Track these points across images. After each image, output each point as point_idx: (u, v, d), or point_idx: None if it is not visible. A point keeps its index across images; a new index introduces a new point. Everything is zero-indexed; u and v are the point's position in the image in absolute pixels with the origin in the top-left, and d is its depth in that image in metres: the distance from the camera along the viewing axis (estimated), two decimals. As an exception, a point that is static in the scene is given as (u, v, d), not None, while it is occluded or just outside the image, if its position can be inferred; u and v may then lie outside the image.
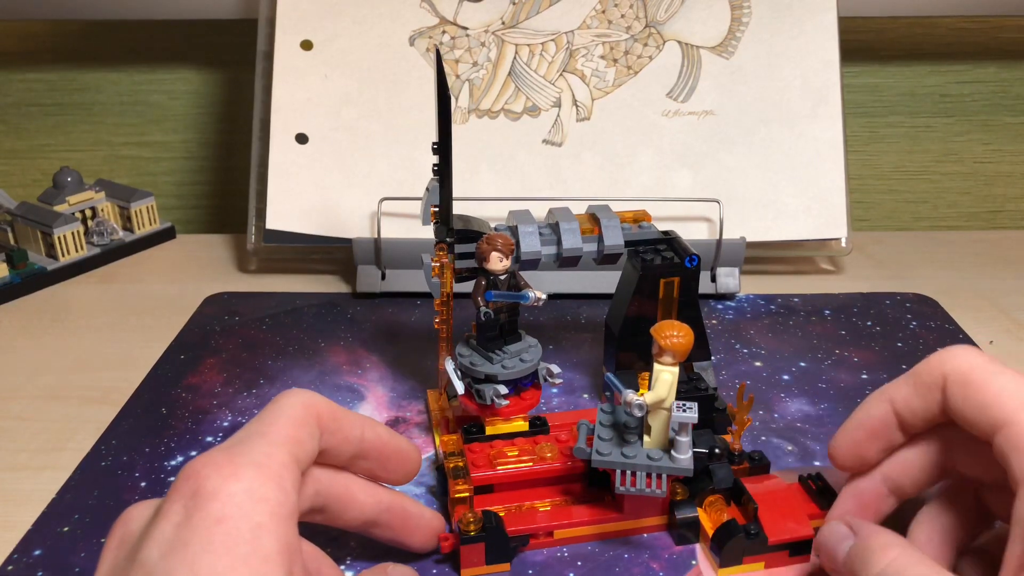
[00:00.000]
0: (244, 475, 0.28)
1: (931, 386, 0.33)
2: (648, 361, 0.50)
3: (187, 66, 0.87)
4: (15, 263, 0.70)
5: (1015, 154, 0.89)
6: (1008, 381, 0.31)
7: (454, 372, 0.45)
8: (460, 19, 0.70)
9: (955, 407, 0.32)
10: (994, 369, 0.32)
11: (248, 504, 0.27)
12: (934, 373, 0.33)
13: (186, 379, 0.56)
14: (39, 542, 0.42)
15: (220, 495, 0.27)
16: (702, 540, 0.41)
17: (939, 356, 0.33)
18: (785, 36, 0.70)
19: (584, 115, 0.70)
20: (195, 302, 0.67)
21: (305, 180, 0.69)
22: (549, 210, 0.49)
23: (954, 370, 0.32)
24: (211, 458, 0.29)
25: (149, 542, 0.27)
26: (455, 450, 0.43)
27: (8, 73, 0.87)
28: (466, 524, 0.39)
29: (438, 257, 0.46)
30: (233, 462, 0.28)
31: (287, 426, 0.31)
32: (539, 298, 0.43)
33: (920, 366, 0.34)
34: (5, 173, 0.91)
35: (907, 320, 0.63)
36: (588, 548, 0.41)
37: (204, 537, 0.26)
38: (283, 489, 0.29)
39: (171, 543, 0.27)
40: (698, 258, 0.48)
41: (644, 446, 0.40)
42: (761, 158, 0.69)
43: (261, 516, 0.27)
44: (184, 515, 0.27)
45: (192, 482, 0.28)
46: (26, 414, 0.54)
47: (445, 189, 0.45)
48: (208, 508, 0.27)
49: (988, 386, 0.31)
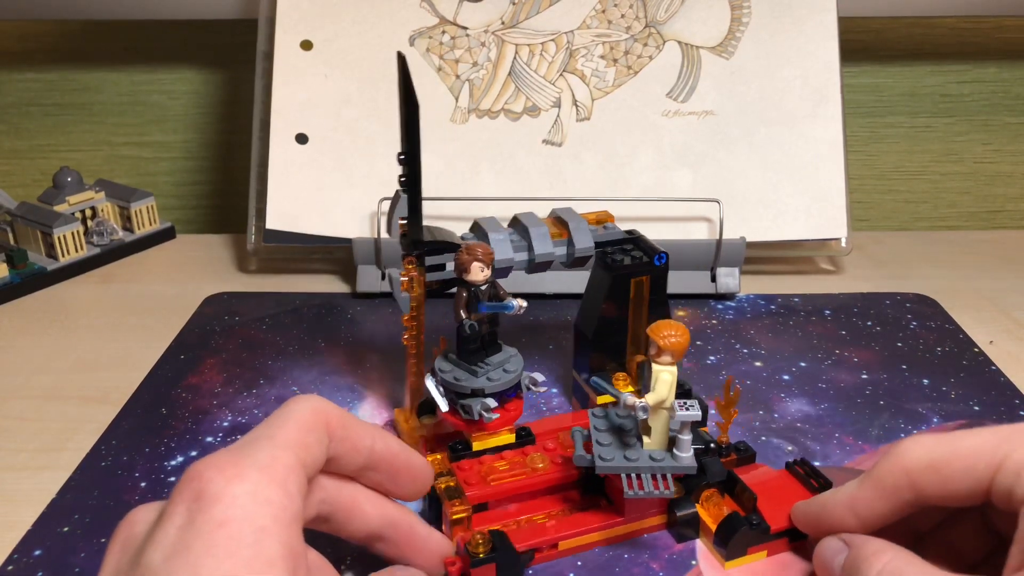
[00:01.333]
0: (248, 477, 0.28)
1: (897, 488, 0.33)
2: (621, 362, 0.50)
3: (187, 66, 0.87)
4: (15, 263, 0.70)
5: (1015, 154, 0.89)
6: (971, 438, 0.31)
7: (436, 389, 0.44)
8: (460, 19, 0.70)
9: (937, 489, 0.32)
10: (949, 437, 0.32)
11: (252, 507, 0.27)
12: (896, 473, 0.33)
13: (186, 379, 0.56)
14: (39, 542, 0.42)
15: (223, 498, 0.27)
16: (703, 535, 0.41)
17: (895, 458, 0.33)
18: (785, 36, 0.70)
19: (584, 115, 0.70)
20: (195, 302, 0.67)
21: (305, 180, 0.69)
22: (514, 216, 0.49)
23: (916, 464, 0.32)
24: (215, 460, 0.28)
25: (152, 545, 0.27)
26: (443, 470, 0.42)
27: (8, 73, 0.87)
28: (475, 546, 0.38)
29: (407, 271, 0.45)
30: (237, 464, 0.28)
31: (295, 430, 0.31)
32: (521, 306, 0.42)
33: (878, 469, 0.34)
34: (5, 173, 0.91)
35: (907, 320, 0.63)
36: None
37: (207, 540, 0.26)
38: (287, 493, 0.28)
39: (174, 546, 0.26)
40: (666, 256, 0.48)
41: (644, 447, 0.40)
42: (761, 158, 0.69)
43: (264, 520, 0.27)
44: (187, 517, 0.27)
45: (195, 484, 0.27)
46: (26, 414, 0.54)
47: (414, 200, 0.43)
48: (211, 511, 0.27)
49: (957, 454, 0.31)
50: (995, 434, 0.31)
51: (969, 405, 0.53)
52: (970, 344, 0.60)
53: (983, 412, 0.52)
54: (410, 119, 0.42)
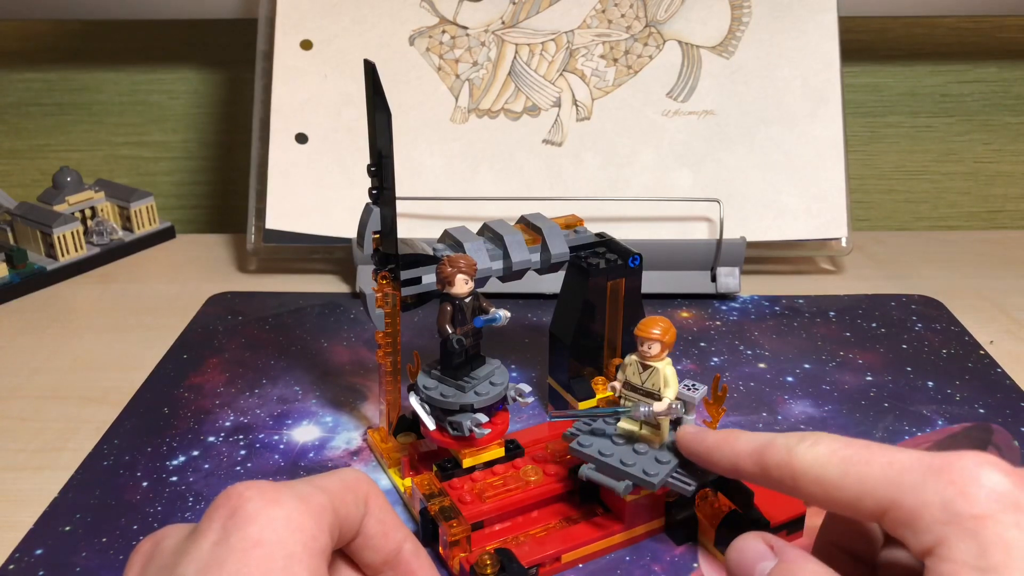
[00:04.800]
0: (284, 504, 0.28)
1: (781, 481, 0.31)
2: (598, 366, 0.50)
3: (187, 66, 0.87)
4: (15, 263, 0.69)
5: (1015, 154, 0.89)
6: (863, 467, 0.28)
7: (421, 407, 0.42)
8: (460, 19, 0.70)
9: (820, 504, 0.30)
10: (844, 456, 0.29)
11: (285, 532, 0.27)
12: (783, 471, 0.31)
13: (189, 379, 0.56)
14: (40, 541, 0.42)
15: (260, 518, 0.27)
16: (702, 536, 0.41)
17: (787, 457, 0.30)
18: (785, 36, 0.70)
19: (584, 115, 0.70)
20: (194, 302, 0.66)
21: (305, 180, 0.69)
22: (484, 224, 0.48)
23: (804, 476, 0.30)
24: (255, 482, 0.29)
25: (186, 558, 0.27)
26: (434, 491, 0.41)
27: (8, 73, 0.87)
28: (482, 567, 0.37)
29: (380, 286, 0.43)
30: (276, 489, 0.28)
31: (337, 484, 0.31)
32: (506, 316, 0.41)
33: (768, 456, 0.31)
34: (5, 173, 0.91)
35: (912, 322, 0.63)
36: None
37: (240, 558, 0.26)
38: (319, 526, 0.29)
39: (207, 562, 0.27)
40: (640, 257, 0.48)
41: (653, 447, 0.39)
42: (761, 158, 0.69)
43: (296, 546, 0.27)
44: (222, 534, 0.27)
45: (233, 502, 0.28)
46: (26, 414, 0.53)
47: (388, 212, 0.42)
48: (246, 530, 0.27)
49: (846, 480, 0.29)
50: (887, 468, 0.28)
51: (974, 407, 0.52)
52: (975, 346, 0.59)
53: (988, 415, 0.52)
54: (381, 128, 0.40)
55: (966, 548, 0.25)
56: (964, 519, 0.25)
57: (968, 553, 0.25)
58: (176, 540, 0.29)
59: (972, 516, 0.25)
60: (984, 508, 0.25)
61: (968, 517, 0.25)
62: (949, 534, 0.25)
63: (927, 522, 0.26)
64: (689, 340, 0.60)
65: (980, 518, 0.25)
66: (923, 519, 0.26)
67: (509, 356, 0.58)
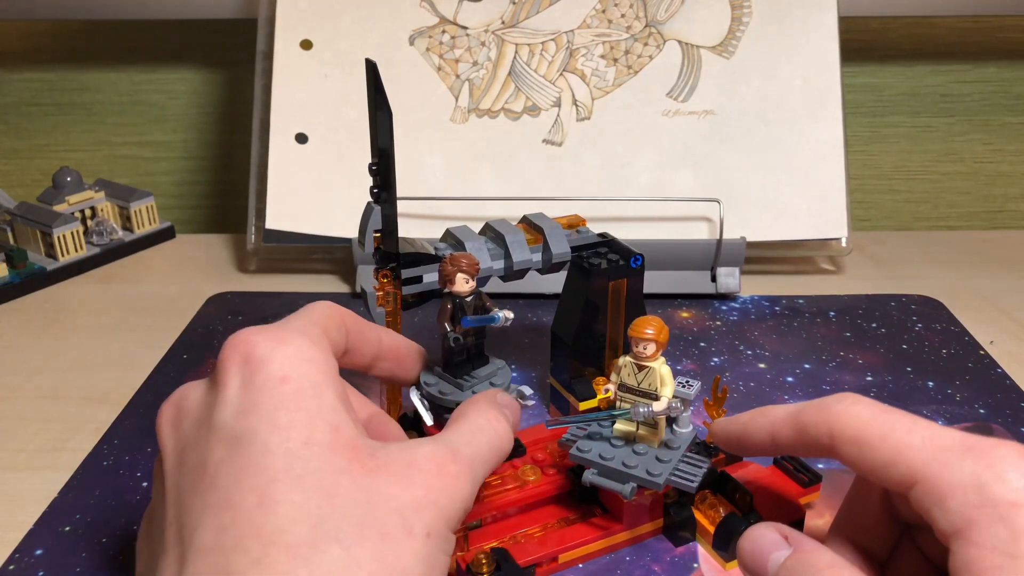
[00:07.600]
0: (291, 341, 0.30)
1: (818, 442, 0.31)
2: (600, 366, 0.50)
3: (187, 66, 0.87)
4: (15, 263, 0.69)
5: (1015, 154, 0.89)
6: (904, 434, 0.29)
7: (420, 403, 0.42)
8: (460, 19, 0.70)
9: (852, 463, 0.30)
10: (885, 420, 0.29)
11: (304, 365, 0.29)
12: (820, 430, 0.30)
13: (188, 378, 0.56)
14: (40, 541, 0.42)
15: (276, 357, 0.29)
16: (702, 537, 0.41)
17: (825, 415, 0.30)
18: (785, 36, 0.70)
19: (584, 115, 0.70)
20: (194, 302, 0.66)
21: (305, 180, 0.69)
22: (486, 224, 0.48)
23: (841, 434, 0.30)
24: (254, 328, 0.30)
25: (219, 407, 0.28)
26: None
27: (8, 73, 0.87)
28: (478, 566, 0.37)
29: (381, 285, 0.43)
30: (277, 330, 0.30)
31: (319, 315, 0.33)
32: (507, 318, 0.41)
33: (805, 417, 0.31)
34: (5, 173, 0.91)
35: (912, 322, 0.63)
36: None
37: (273, 395, 0.28)
38: (325, 354, 0.31)
39: (241, 404, 0.28)
40: (642, 258, 0.48)
41: (652, 446, 0.39)
42: (761, 158, 0.69)
43: (317, 375, 0.29)
44: (244, 378, 0.28)
45: (242, 349, 0.29)
46: (26, 414, 0.53)
47: (389, 211, 0.42)
48: (268, 369, 0.28)
49: (885, 444, 0.29)
50: (927, 441, 0.28)
51: (974, 408, 0.52)
52: (975, 346, 0.59)
53: (988, 415, 0.52)
54: (382, 127, 0.41)
55: (997, 533, 0.25)
56: (998, 504, 0.25)
57: (998, 538, 0.25)
58: (198, 395, 0.30)
59: (1008, 503, 0.25)
60: (1020, 496, 0.25)
61: (1003, 503, 0.25)
62: (981, 518, 0.25)
63: (958, 503, 0.26)
64: (689, 340, 0.60)
65: (1015, 505, 0.25)
66: (954, 499, 0.26)
67: (510, 356, 0.58)
